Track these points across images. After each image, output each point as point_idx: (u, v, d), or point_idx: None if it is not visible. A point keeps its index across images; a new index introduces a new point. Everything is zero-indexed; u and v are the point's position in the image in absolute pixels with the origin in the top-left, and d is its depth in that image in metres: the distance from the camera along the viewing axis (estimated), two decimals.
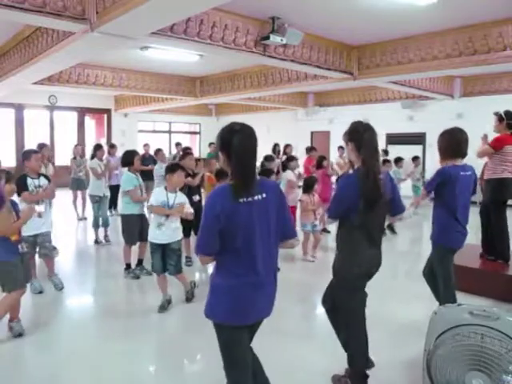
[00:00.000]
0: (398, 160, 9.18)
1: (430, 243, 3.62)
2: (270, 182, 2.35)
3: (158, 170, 8.00)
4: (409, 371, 3.04)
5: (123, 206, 5.25)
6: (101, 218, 7.01)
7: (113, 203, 8.91)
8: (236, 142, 1.98)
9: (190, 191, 5.40)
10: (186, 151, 7.26)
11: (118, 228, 8.00)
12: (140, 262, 5.34)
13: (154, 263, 4.29)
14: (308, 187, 6.08)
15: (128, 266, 5.28)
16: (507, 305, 4.12)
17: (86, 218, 8.85)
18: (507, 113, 4.82)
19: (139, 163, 5.48)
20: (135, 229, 5.14)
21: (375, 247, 2.74)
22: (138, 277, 5.20)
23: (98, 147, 7.78)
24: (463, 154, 3.46)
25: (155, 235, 4.28)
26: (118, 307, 4.47)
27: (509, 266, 4.75)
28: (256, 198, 2.03)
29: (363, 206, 2.55)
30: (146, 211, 5.21)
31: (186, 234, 5.38)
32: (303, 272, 5.78)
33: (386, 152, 10.65)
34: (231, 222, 1.98)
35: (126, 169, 5.38)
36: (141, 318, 4.09)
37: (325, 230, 7.66)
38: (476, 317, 2.29)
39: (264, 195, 2.06)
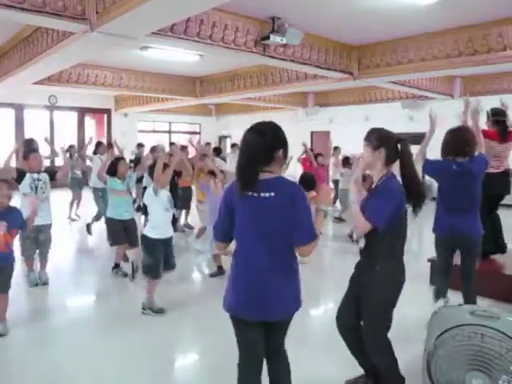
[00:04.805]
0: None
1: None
2: (282, 181, 2.09)
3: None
4: (409, 371, 3.03)
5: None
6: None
7: None
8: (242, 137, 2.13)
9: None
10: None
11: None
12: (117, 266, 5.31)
13: (158, 264, 3.93)
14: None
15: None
16: (507, 305, 4.11)
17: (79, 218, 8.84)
18: (492, 110, 4.95)
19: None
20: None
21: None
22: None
23: (98, 144, 8.26)
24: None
25: (165, 229, 3.98)
26: (112, 305, 4.47)
27: (509, 266, 4.76)
28: (262, 195, 2.01)
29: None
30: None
31: None
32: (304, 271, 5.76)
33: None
34: (235, 214, 2.09)
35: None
36: (137, 316, 4.09)
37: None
38: (476, 317, 2.29)
39: (272, 194, 2.01)
